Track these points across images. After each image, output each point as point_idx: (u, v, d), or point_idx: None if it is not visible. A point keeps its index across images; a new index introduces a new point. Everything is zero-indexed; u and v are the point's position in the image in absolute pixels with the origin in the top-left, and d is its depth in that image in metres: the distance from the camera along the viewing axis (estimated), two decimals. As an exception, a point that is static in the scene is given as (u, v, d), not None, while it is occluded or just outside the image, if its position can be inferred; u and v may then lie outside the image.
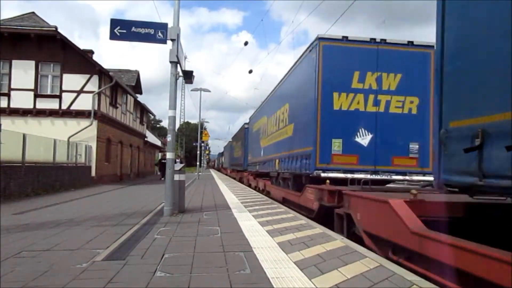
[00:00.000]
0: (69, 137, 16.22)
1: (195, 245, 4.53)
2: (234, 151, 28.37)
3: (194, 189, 14.61)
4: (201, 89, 27.35)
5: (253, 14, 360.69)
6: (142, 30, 7.03)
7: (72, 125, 17.03)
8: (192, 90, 48.16)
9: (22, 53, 16.63)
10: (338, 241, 4.66)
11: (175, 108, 7.38)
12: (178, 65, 7.54)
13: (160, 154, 37.06)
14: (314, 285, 3.02)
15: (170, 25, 7.20)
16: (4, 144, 9.94)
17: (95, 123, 17.39)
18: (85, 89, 17.34)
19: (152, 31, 7.06)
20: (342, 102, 7.53)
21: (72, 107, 17.21)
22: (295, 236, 5.07)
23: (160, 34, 7.08)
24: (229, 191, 13.96)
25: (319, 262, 3.71)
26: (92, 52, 20.97)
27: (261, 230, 5.51)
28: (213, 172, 47.19)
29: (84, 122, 17.14)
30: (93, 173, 17.71)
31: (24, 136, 11.49)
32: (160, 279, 3.18)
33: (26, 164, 11.37)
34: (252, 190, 15.25)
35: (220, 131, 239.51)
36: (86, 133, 17.10)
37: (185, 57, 44.28)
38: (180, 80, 12.65)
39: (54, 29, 16.31)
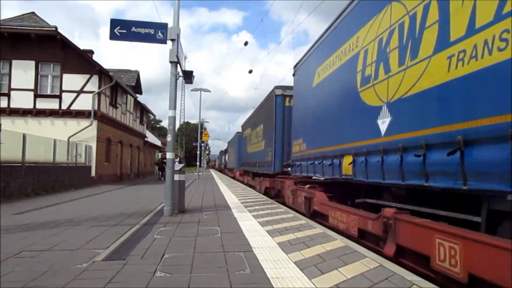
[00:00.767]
0: (69, 137, 16.22)
1: (195, 245, 4.53)
2: (249, 144, 19.07)
3: (194, 189, 14.61)
4: (201, 89, 27.33)
5: (253, 14, 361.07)
6: (142, 30, 7.03)
7: (72, 125, 17.04)
8: (192, 90, 48.30)
9: (22, 53, 16.63)
10: (338, 241, 4.66)
11: (175, 108, 7.38)
12: (178, 65, 7.54)
13: (160, 154, 37.04)
14: (314, 285, 3.02)
15: (170, 25, 7.20)
16: (4, 144, 9.94)
17: (95, 123, 17.39)
18: (85, 89, 17.34)
19: (152, 31, 7.06)
20: None
21: (72, 107, 17.21)
22: (295, 236, 5.07)
23: (160, 34, 7.08)
24: (229, 191, 13.96)
25: (319, 262, 3.71)
26: (92, 52, 20.98)
27: (261, 230, 5.51)
28: (213, 172, 47.20)
29: (84, 122, 17.14)
30: (93, 173, 17.71)
31: (24, 136, 11.50)
32: (160, 279, 3.18)
33: (26, 164, 11.37)
34: (252, 190, 15.22)
35: (220, 131, 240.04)
36: (86, 133, 17.10)
37: (185, 57, 44.28)
38: (180, 80, 12.67)
39: (54, 29, 16.31)
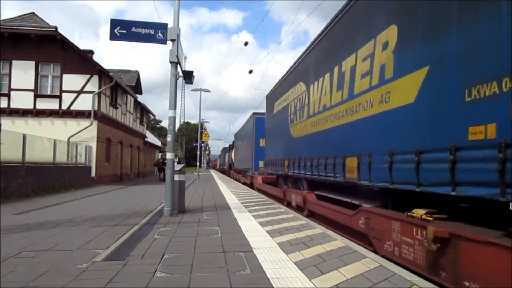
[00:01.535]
0: (69, 137, 16.21)
1: (195, 245, 4.53)
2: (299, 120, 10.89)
3: (194, 190, 14.61)
4: (201, 89, 27.33)
5: (253, 14, 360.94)
6: (142, 31, 7.03)
7: (72, 125, 17.04)
8: (192, 90, 48.39)
9: (22, 53, 16.63)
10: (338, 241, 4.66)
11: (175, 108, 7.38)
12: (178, 65, 7.54)
13: (160, 154, 36.92)
14: (314, 285, 3.02)
15: (170, 25, 7.20)
16: (4, 144, 9.94)
17: (95, 123, 17.39)
18: (85, 89, 17.34)
19: (152, 32, 7.06)
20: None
21: (72, 107, 17.21)
22: (295, 236, 5.07)
23: (160, 34, 7.08)
24: (229, 191, 13.95)
25: (319, 262, 3.71)
26: (92, 52, 20.97)
27: (261, 230, 5.51)
28: (213, 173, 47.18)
29: (84, 122, 17.14)
30: (93, 173, 17.70)
31: (24, 136, 11.49)
32: (160, 279, 3.18)
33: (26, 164, 11.37)
34: (252, 190, 15.23)
35: (220, 131, 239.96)
36: (86, 133, 17.10)
37: (185, 57, 44.32)
38: (180, 80, 12.63)
39: (54, 29, 16.31)
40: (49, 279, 3.15)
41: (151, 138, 38.08)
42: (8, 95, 16.73)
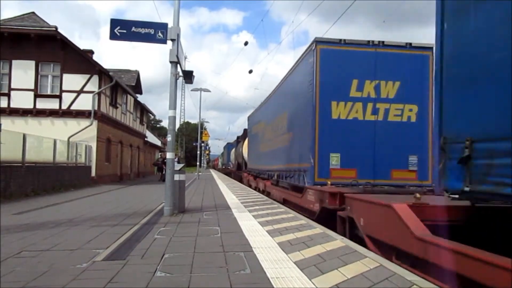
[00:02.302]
0: (69, 137, 16.22)
1: (195, 245, 4.53)
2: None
3: (194, 189, 14.61)
4: (201, 89, 27.32)
5: (253, 14, 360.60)
6: (142, 30, 7.03)
7: (72, 125, 17.04)
8: (192, 90, 48.21)
9: (22, 53, 16.63)
10: (338, 241, 4.66)
11: (175, 108, 7.38)
12: (178, 65, 7.53)
13: (160, 153, 36.83)
14: (314, 285, 3.02)
15: (170, 25, 7.19)
16: (4, 144, 9.94)
17: (95, 123, 17.39)
18: (85, 89, 17.35)
19: (152, 31, 7.06)
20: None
21: (72, 107, 17.22)
22: (295, 236, 5.06)
23: (160, 34, 7.07)
24: (229, 191, 13.95)
25: (319, 262, 3.70)
26: (92, 52, 20.98)
27: (261, 230, 5.51)
28: (213, 172, 47.19)
29: (84, 122, 17.14)
30: (93, 173, 17.71)
31: (24, 136, 11.49)
32: (160, 279, 3.18)
33: (26, 164, 11.37)
34: (252, 190, 15.24)
35: (220, 131, 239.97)
36: (86, 133, 17.10)
37: (185, 57, 44.33)
38: (180, 80, 12.63)
39: (54, 29, 16.32)
40: (49, 279, 3.15)
41: (151, 138, 38.09)
42: (8, 95, 16.73)
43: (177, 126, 60.51)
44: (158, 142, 41.97)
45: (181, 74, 8.80)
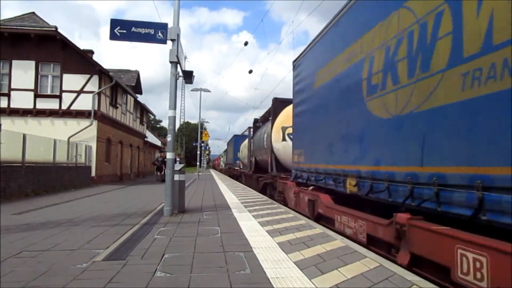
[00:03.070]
0: (69, 137, 16.23)
1: (195, 245, 4.53)
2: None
3: (194, 189, 14.61)
4: (201, 89, 27.31)
5: (253, 14, 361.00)
6: (142, 30, 7.03)
7: (72, 125, 17.05)
8: (192, 90, 48.14)
9: (22, 53, 16.64)
10: (338, 241, 4.66)
11: (175, 108, 7.38)
12: (178, 65, 7.53)
13: (160, 153, 36.67)
14: (314, 285, 3.02)
15: (170, 25, 7.19)
16: (4, 144, 9.95)
17: (95, 123, 17.40)
18: (85, 89, 17.36)
19: (152, 31, 7.06)
20: None
21: (72, 107, 17.23)
22: (295, 236, 5.06)
23: (160, 34, 7.07)
24: (229, 191, 13.95)
25: (319, 262, 3.70)
26: (92, 52, 20.99)
27: (261, 230, 5.51)
28: (213, 172, 47.19)
29: (84, 122, 17.15)
30: (93, 173, 17.71)
31: (24, 136, 11.49)
32: (160, 279, 3.18)
33: (26, 164, 11.37)
34: (252, 190, 15.20)
35: (220, 131, 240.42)
36: (86, 133, 17.11)
37: (185, 57, 44.28)
38: (180, 80, 12.67)
39: (54, 29, 16.33)
40: (49, 279, 3.15)
41: (151, 138, 38.10)
42: (8, 95, 16.74)
43: (177, 126, 60.52)
44: (158, 142, 41.97)
45: (181, 74, 8.82)
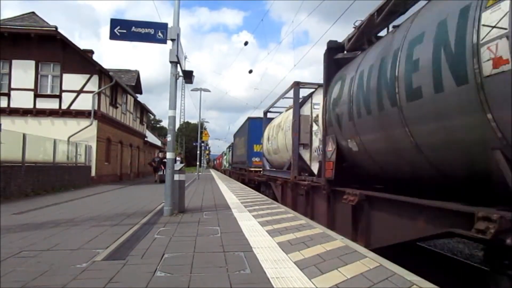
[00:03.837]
0: (69, 137, 16.23)
1: (195, 245, 4.53)
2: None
3: (194, 189, 14.61)
4: (201, 89, 27.28)
5: (253, 14, 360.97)
6: (142, 30, 7.02)
7: (72, 125, 17.05)
8: (192, 90, 48.25)
9: (22, 53, 16.64)
10: (338, 241, 4.66)
11: (175, 108, 7.38)
12: (178, 65, 7.53)
13: (157, 152, 36.52)
14: (314, 285, 3.02)
15: (170, 25, 7.19)
16: (4, 144, 9.94)
17: (95, 123, 17.40)
18: (85, 89, 17.35)
19: (152, 31, 7.05)
20: None
21: (72, 107, 17.23)
22: (295, 236, 5.06)
23: (160, 34, 7.07)
24: (229, 191, 13.95)
25: (319, 262, 3.70)
26: (92, 52, 20.98)
27: (261, 230, 5.51)
28: (213, 172, 47.19)
29: (84, 122, 17.15)
30: (93, 173, 17.71)
31: (24, 136, 11.49)
32: (160, 279, 3.18)
33: (26, 164, 11.37)
34: (252, 190, 15.24)
35: (220, 131, 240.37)
36: (86, 133, 17.11)
37: (185, 57, 44.24)
38: (180, 80, 12.66)
39: (54, 29, 16.32)
40: (49, 279, 3.15)
41: (151, 138, 38.10)
42: (8, 95, 16.74)
43: (177, 126, 60.52)
44: (158, 142, 41.98)
45: (181, 74, 8.82)
